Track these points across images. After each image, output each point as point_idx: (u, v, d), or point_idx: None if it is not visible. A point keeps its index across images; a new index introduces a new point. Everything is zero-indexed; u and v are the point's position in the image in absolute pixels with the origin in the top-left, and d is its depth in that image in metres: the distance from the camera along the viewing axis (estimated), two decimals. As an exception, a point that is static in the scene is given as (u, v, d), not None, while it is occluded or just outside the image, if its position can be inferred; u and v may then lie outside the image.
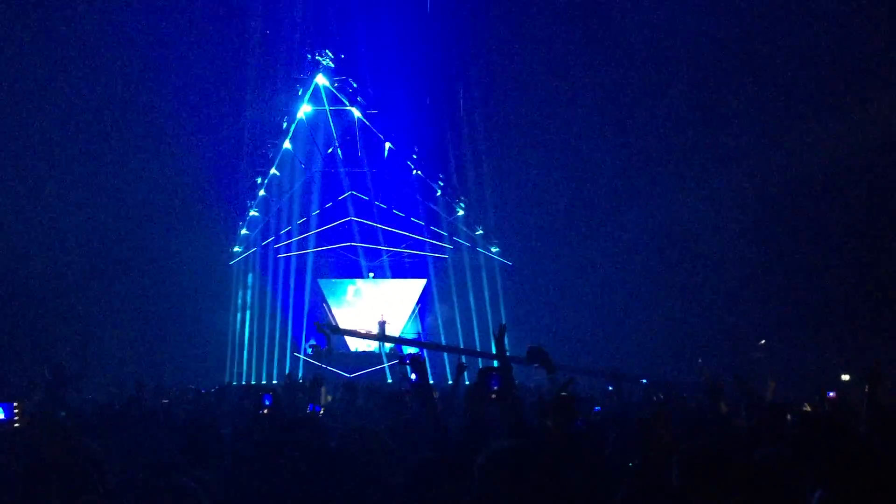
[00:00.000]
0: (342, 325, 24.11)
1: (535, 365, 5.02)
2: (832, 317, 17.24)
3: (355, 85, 21.43)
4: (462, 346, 20.97)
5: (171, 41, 18.90)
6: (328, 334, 20.31)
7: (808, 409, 7.57)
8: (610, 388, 9.40)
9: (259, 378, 22.53)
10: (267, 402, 5.12)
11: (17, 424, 5.31)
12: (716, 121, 19.37)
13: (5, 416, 5.40)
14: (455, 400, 5.61)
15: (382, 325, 23.26)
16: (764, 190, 18.80)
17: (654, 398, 8.80)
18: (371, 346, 23.88)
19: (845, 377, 13.98)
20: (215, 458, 3.27)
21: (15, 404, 5.39)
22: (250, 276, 24.35)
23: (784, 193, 18.51)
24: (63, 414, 5.54)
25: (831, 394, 8.24)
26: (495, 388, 3.66)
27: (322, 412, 6.75)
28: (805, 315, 17.79)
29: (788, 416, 5.48)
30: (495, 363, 4.33)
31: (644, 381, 10.73)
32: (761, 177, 18.63)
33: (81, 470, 2.91)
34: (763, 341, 19.12)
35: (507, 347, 4.25)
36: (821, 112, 17.28)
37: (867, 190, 17.16)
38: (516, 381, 5.14)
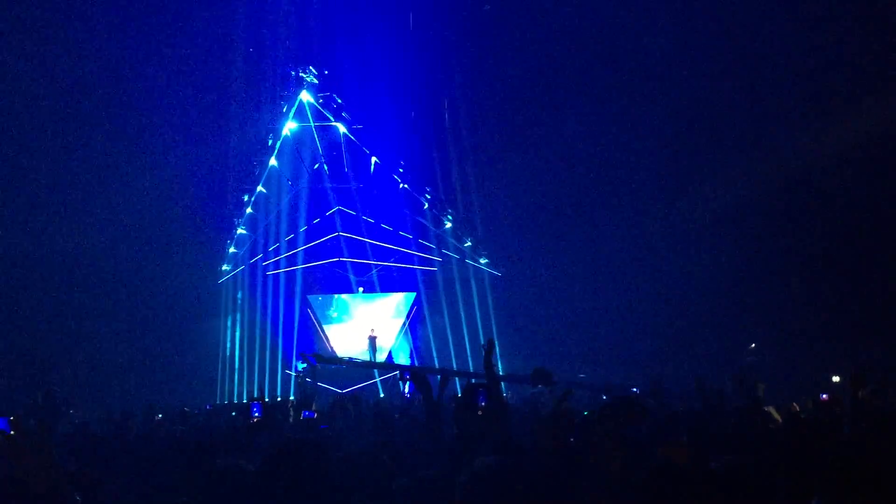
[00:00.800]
0: (332, 341, 24.09)
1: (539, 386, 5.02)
2: (823, 319, 17.33)
3: (340, 101, 21.45)
4: (454, 368, 20.86)
5: (156, 60, 18.89)
6: (314, 366, 20.37)
7: (797, 409, 7.61)
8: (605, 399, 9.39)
9: (251, 396, 22.38)
10: (256, 412, 5.05)
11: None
12: (706, 129, 19.48)
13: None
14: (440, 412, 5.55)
15: (373, 339, 23.23)
16: (754, 196, 18.89)
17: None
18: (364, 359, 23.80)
19: (836, 379, 14.06)
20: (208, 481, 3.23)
21: (11, 419, 5.34)
22: (239, 293, 24.25)
23: (775, 198, 18.62)
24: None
25: (824, 396, 8.29)
26: (482, 404, 3.63)
27: (315, 416, 6.64)
28: (796, 318, 17.87)
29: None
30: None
31: (635, 389, 10.70)
32: (752, 183, 18.72)
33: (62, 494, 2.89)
34: (754, 345, 19.19)
35: (496, 361, 4.23)
36: (816, 118, 17.40)
37: (862, 193, 17.26)
38: (506, 395, 5.15)
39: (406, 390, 13.31)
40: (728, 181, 19.15)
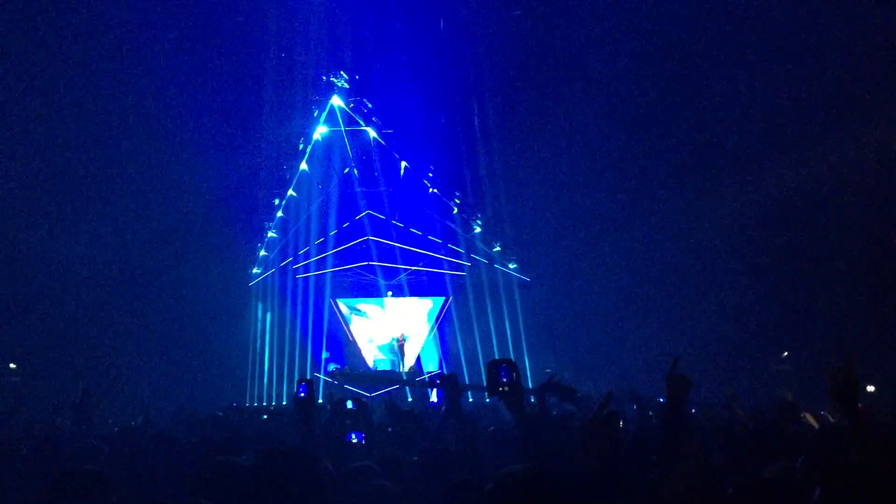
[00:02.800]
0: (360, 344, 24.21)
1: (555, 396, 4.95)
2: (857, 328, 17.01)
3: (370, 105, 21.56)
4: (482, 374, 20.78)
5: (186, 66, 19.11)
6: (342, 369, 20.61)
7: (831, 420, 7.47)
8: (634, 408, 9.24)
9: (280, 399, 22.55)
10: (302, 393, 5.07)
11: None
12: (736, 132, 19.26)
13: None
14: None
15: (401, 345, 23.31)
16: (785, 199, 18.62)
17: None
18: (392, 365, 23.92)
19: (870, 388, 13.79)
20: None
21: None
22: (269, 297, 24.46)
23: (804, 202, 18.34)
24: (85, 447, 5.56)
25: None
26: (504, 379, 3.58)
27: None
28: (830, 326, 17.57)
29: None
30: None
31: (661, 399, 10.52)
32: (784, 186, 18.45)
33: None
34: (786, 353, 18.92)
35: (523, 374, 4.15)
36: (838, 119, 17.12)
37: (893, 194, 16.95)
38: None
39: (434, 398, 13.31)
40: (762, 184, 18.90)
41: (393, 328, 24.55)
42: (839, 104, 16.95)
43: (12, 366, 17.79)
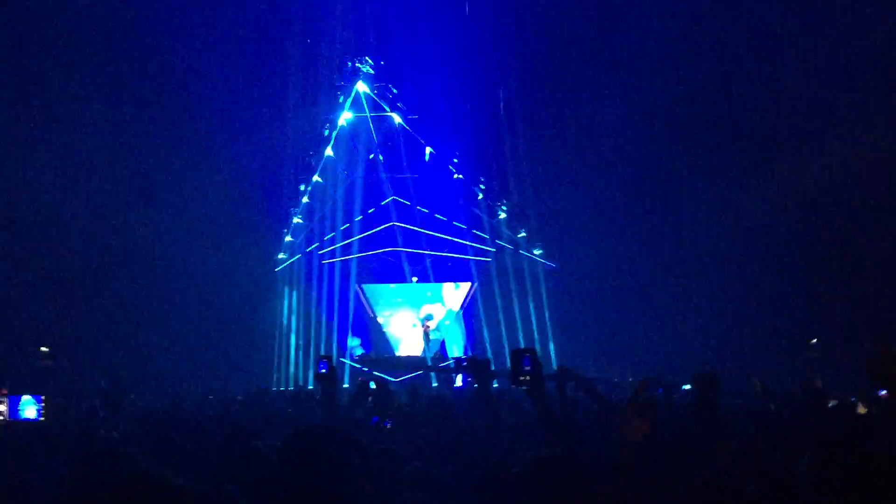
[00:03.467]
0: (386, 330, 24.31)
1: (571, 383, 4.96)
2: (886, 316, 16.75)
3: (395, 91, 21.53)
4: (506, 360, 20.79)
5: (214, 53, 19.22)
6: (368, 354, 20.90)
7: (863, 410, 7.38)
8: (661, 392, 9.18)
9: (306, 383, 22.73)
10: (323, 369, 5.09)
11: (43, 419, 5.34)
12: (763, 122, 19.00)
13: (37, 415, 5.44)
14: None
15: (427, 331, 23.35)
16: (815, 189, 18.36)
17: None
18: (417, 350, 24.01)
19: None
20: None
21: (43, 398, 5.43)
22: (295, 282, 24.60)
23: (835, 191, 18.07)
24: (115, 434, 5.63)
25: (883, 392, 7.98)
26: (527, 368, 3.60)
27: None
28: (859, 314, 17.32)
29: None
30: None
31: (686, 387, 10.43)
32: (814, 176, 18.19)
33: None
34: (815, 340, 18.68)
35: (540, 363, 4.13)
36: (858, 115, 16.89)
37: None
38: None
39: (459, 382, 13.34)
40: (790, 176, 18.64)
41: (418, 314, 24.61)
42: (875, 95, 16.74)
43: (44, 349, 18.09)
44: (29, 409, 5.51)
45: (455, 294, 25.09)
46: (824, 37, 16.87)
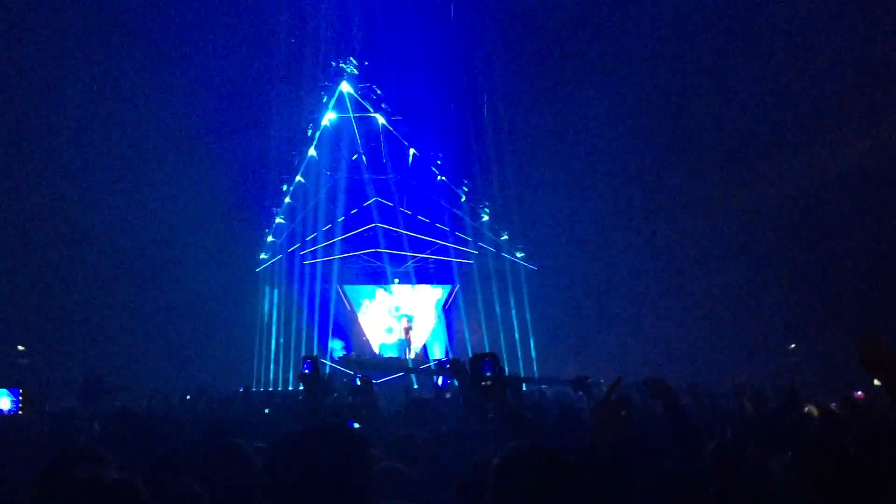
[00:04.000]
0: (367, 331, 24.27)
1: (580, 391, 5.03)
2: (866, 318, 16.95)
3: (379, 92, 21.50)
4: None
5: (196, 51, 19.12)
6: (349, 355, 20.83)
7: (837, 410, 7.45)
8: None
9: (286, 384, 22.64)
10: (307, 370, 5.07)
11: (20, 413, 5.30)
12: (744, 125, 19.17)
13: (13, 407, 5.40)
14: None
15: (408, 332, 23.33)
16: (793, 192, 18.56)
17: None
18: (398, 351, 23.99)
19: (877, 382, 13.69)
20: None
21: (21, 391, 5.39)
22: (277, 282, 24.51)
23: (813, 194, 18.27)
24: (97, 427, 5.59)
25: (858, 393, 8.08)
26: (488, 373, 3.66)
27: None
28: (837, 317, 17.52)
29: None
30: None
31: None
32: (792, 179, 18.39)
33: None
34: (794, 345, 18.87)
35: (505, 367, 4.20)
36: (847, 118, 17.08)
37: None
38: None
39: (440, 382, 13.35)
40: (771, 180, 18.82)
41: (399, 315, 24.60)
42: (870, 98, 16.95)
43: (20, 347, 17.90)
44: (3, 400, 5.44)
45: (436, 296, 25.10)
46: (810, 43, 17.06)
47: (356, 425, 6.21)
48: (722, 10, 17.91)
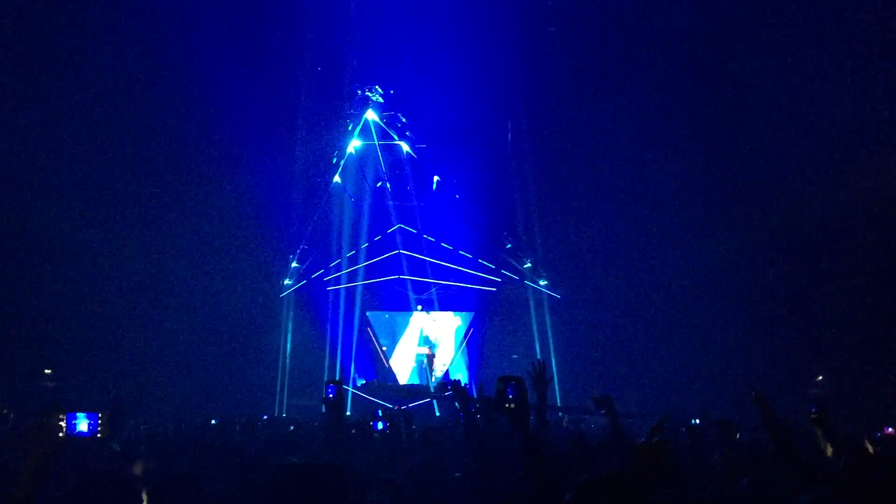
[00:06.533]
0: (390, 358, 24.26)
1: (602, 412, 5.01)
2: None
3: (404, 119, 21.70)
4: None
5: (227, 79, 19.43)
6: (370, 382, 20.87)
7: (870, 448, 7.29)
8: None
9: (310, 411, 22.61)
10: (331, 394, 5.09)
11: (99, 435, 5.41)
12: (772, 154, 19.06)
13: (90, 428, 5.49)
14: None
15: (430, 359, 23.29)
16: (827, 220, 18.35)
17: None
18: (420, 378, 23.93)
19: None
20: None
21: (99, 415, 5.48)
22: (300, 308, 24.58)
23: (838, 224, 18.07)
24: (116, 447, 5.65)
25: (889, 429, 7.91)
26: (511, 396, 3.65)
27: None
28: (864, 351, 17.23)
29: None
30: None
31: (696, 421, 10.37)
32: (826, 206, 18.20)
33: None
34: (821, 377, 18.57)
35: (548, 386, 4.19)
36: (864, 146, 16.98)
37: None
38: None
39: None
40: (799, 207, 18.66)
41: (421, 342, 24.56)
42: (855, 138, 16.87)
43: (47, 371, 18.11)
44: (81, 423, 5.60)
45: (457, 323, 25.04)
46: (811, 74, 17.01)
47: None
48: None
